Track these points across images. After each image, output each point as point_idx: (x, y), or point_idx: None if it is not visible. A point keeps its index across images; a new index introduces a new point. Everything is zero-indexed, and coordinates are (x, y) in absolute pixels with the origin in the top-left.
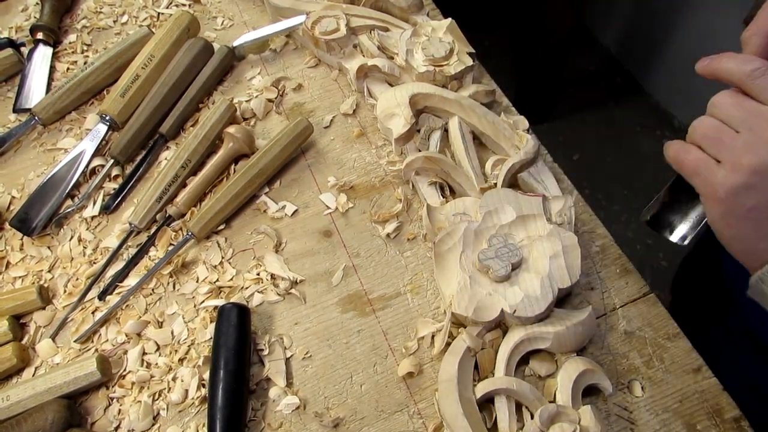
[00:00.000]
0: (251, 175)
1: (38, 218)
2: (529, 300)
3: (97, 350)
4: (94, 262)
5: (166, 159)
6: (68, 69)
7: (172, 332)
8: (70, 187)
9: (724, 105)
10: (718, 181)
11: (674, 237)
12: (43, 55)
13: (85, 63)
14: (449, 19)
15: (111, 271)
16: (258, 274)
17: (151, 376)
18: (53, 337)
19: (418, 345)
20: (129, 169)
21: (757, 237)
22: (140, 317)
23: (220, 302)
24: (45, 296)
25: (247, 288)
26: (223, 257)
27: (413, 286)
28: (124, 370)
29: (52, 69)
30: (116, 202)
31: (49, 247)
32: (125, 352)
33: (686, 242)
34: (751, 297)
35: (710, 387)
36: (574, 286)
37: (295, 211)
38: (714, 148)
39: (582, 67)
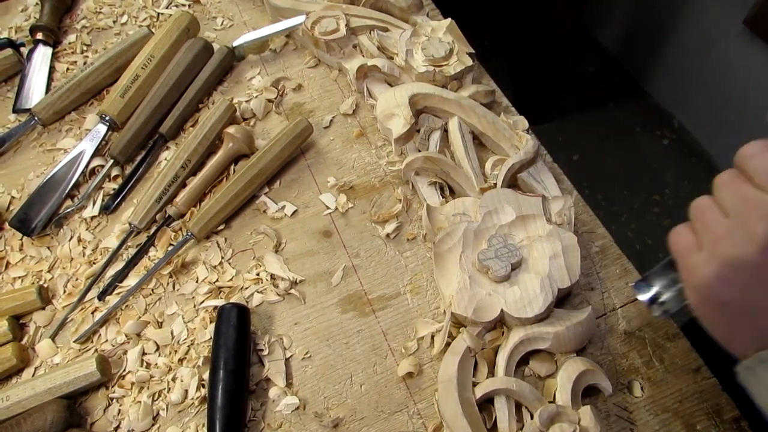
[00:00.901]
0: (251, 175)
1: (38, 218)
2: (528, 300)
3: (96, 350)
4: (94, 263)
5: (165, 159)
6: (68, 69)
7: (172, 332)
8: (69, 187)
9: (720, 185)
10: (693, 268)
11: (655, 312)
12: (42, 55)
13: (84, 63)
14: (449, 20)
15: (111, 272)
16: (258, 275)
17: (151, 377)
18: (53, 338)
19: (417, 345)
20: (129, 170)
21: (732, 333)
22: (140, 317)
23: (219, 302)
24: (45, 296)
25: (246, 288)
26: (222, 257)
27: (413, 287)
28: (124, 370)
29: (52, 69)
30: (116, 202)
31: (48, 248)
32: (125, 353)
33: (664, 316)
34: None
35: (710, 387)
36: (574, 287)
37: (295, 211)
38: (699, 230)
39: (582, 67)
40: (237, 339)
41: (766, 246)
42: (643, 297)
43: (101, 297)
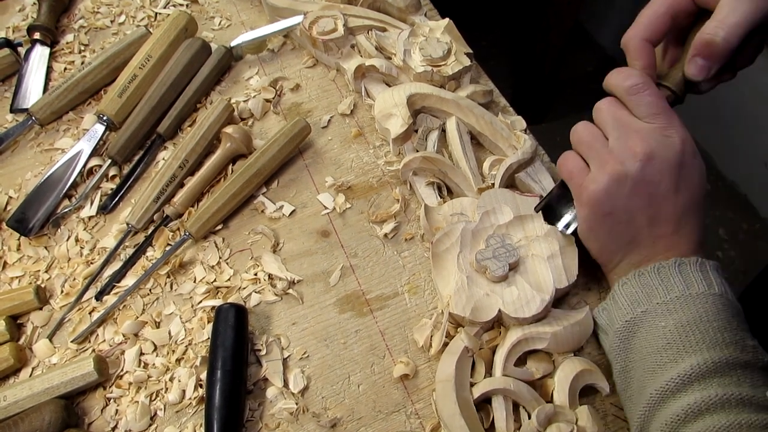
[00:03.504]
0: (249, 175)
1: (35, 218)
2: (526, 300)
3: (94, 350)
4: (92, 263)
5: (163, 159)
6: (65, 69)
7: (170, 332)
8: (67, 187)
9: (601, 111)
10: (583, 186)
11: (559, 225)
12: (40, 55)
13: (82, 63)
14: (447, 20)
15: (108, 272)
16: (255, 275)
17: (149, 377)
18: (50, 338)
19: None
20: (126, 170)
21: (610, 239)
22: (137, 317)
23: (217, 302)
24: (42, 296)
25: (244, 288)
26: (220, 257)
27: (411, 287)
28: (122, 370)
29: (50, 69)
30: (114, 202)
31: (46, 248)
32: (122, 353)
33: (569, 231)
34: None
35: None
36: (572, 287)
37: (293, 211)
38: (586, 153)
39: (580, 67)
40: (235, 339)
41: (644, 162)
42: (561, 226)
43: (99, 297)
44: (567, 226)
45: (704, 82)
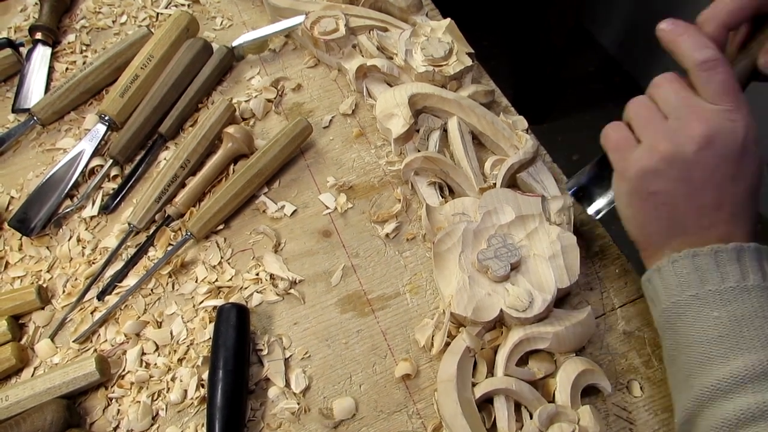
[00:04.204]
0: (250, 175)
1: (37, 218)
2: (528, 300)
3: (96, 350)
4: (93, 263)
5: (165, 159)
6: (67, 69)
7: (171, 332)
8: (69, 187)
9: (662, 88)
10: (631, 160)
11: (590, 210)
12: (42, 55)
13: (84, 63)
14: (448, 20)
15: (110, 272)
16: (257, 275)
17: (150, 377)
18: (52, 338)
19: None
20: (128, 170)
21: (652, 220)
22: (139, 317)
23: (219, 302)
24: (44, 296)
25: (246, 288)
26: (222, 257)
27: (412, 286)
28: (123, 370)
29: (51, 69)
30: (115, 202)
31: (48, 248)
32: (124, 353)
33: (599, 217)
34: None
35: None
36: (573, 286)
37: (294, 211)
38: (640, 128)
39: (581, 67)
40: (236, 339)
41: (702, 146)
42: (592, 211)
43: (100, 297)
44: (598, 212)
45: None
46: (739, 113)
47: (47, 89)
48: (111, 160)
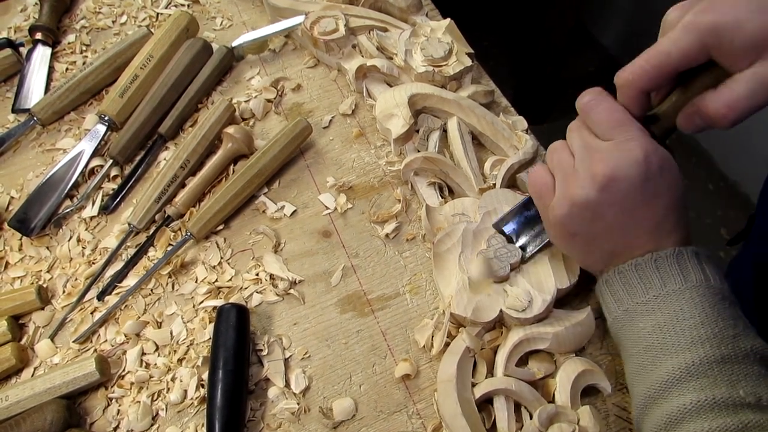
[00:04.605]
0: (250, 175)
1: (37, 218)
2: (528, 300)
3: (96, 350)
4: (93, 263)
5: (165, 159)
6: (67, 69)
7: (171, 332)
8: (69, 187)
9: (571, 132)
10: (550, 208)
11: (518, 245)
12: (42, 55)
13: (84, 63)
14: (448, 20)
15: (110, 272)
16: (257, 275)
17: (150, 377)
18: (52, 338)
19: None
20: (128, 170)
21: (583, 254)
22: (139, 317)
23: (219, 302)
24: (44, 296)
25: (246, 288)
26: (222, 257)
27: (412, 287)
28: (123, 370)
29: (51, 69)
30: (115, 202)
31: (48, 248)
32: (124, 353)
33: (528, 252)
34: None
35: None
36: (573, 287)
37: (294, 211)
38: (556, 175)
39: (581, 67)
40: (236, 339)
41: (603, 186)
42: (517, 246)
43: (100, 297)
44: (523, 247)
45: None
46: (632, 141)
47: (47, 89)
48: (111, 161)
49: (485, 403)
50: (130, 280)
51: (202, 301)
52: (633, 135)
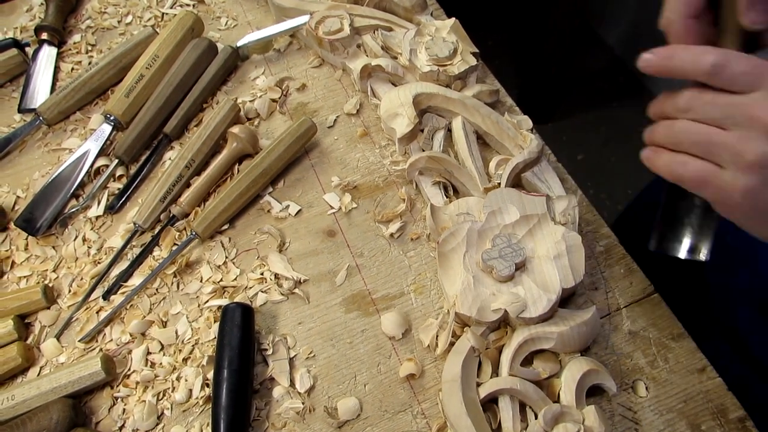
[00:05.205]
0: (255, 175)
1: (43, 218)
2: (532, 300)
3: (101, 350)
4: (99, 262)
5: (170, 159)
6: (73, 69)
7: (176, 332)
8: (74, 187)
9: (697, 105)
10: (729, 186)
11: (684, 254)
12: (47, 55)
13: (89, 63)
14: (453, 19)
15: (115, 271)
16: (262, 274)
17: (156, 376)
18: (58, 337)
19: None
20: (133, 169)
21: None
22: (144, 317)
23: (224, 302)
24: (50, 296)
25: (250, 288)
26: (227, 257)
27: (417, 286)
28: (129, 369)
29: (57, 69)
30: (120, 202)
31: (53, 247)
32: (129, 352)
33: (701, 255)
34: None
35: (715, 387)
36: (578, 286)
37: (299, 210)
38: (708, 152)
39: (586, 66)
40: (241, 338)
41: None
42: (684, 253)
43: (106, 296)
44: (697, 251)
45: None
46: None
47: (53, 89)
48: (116, 160)
49: (490, 403)
50: (136, 280)
51: (207, 301)
52: None
